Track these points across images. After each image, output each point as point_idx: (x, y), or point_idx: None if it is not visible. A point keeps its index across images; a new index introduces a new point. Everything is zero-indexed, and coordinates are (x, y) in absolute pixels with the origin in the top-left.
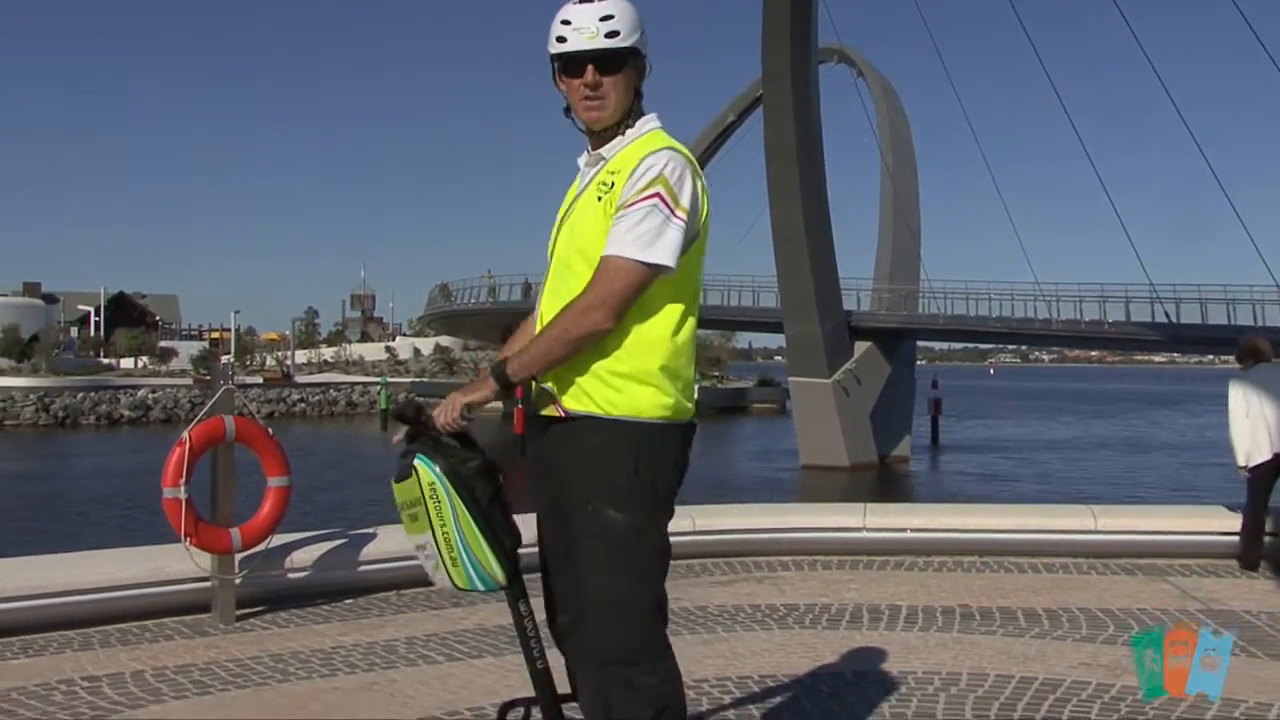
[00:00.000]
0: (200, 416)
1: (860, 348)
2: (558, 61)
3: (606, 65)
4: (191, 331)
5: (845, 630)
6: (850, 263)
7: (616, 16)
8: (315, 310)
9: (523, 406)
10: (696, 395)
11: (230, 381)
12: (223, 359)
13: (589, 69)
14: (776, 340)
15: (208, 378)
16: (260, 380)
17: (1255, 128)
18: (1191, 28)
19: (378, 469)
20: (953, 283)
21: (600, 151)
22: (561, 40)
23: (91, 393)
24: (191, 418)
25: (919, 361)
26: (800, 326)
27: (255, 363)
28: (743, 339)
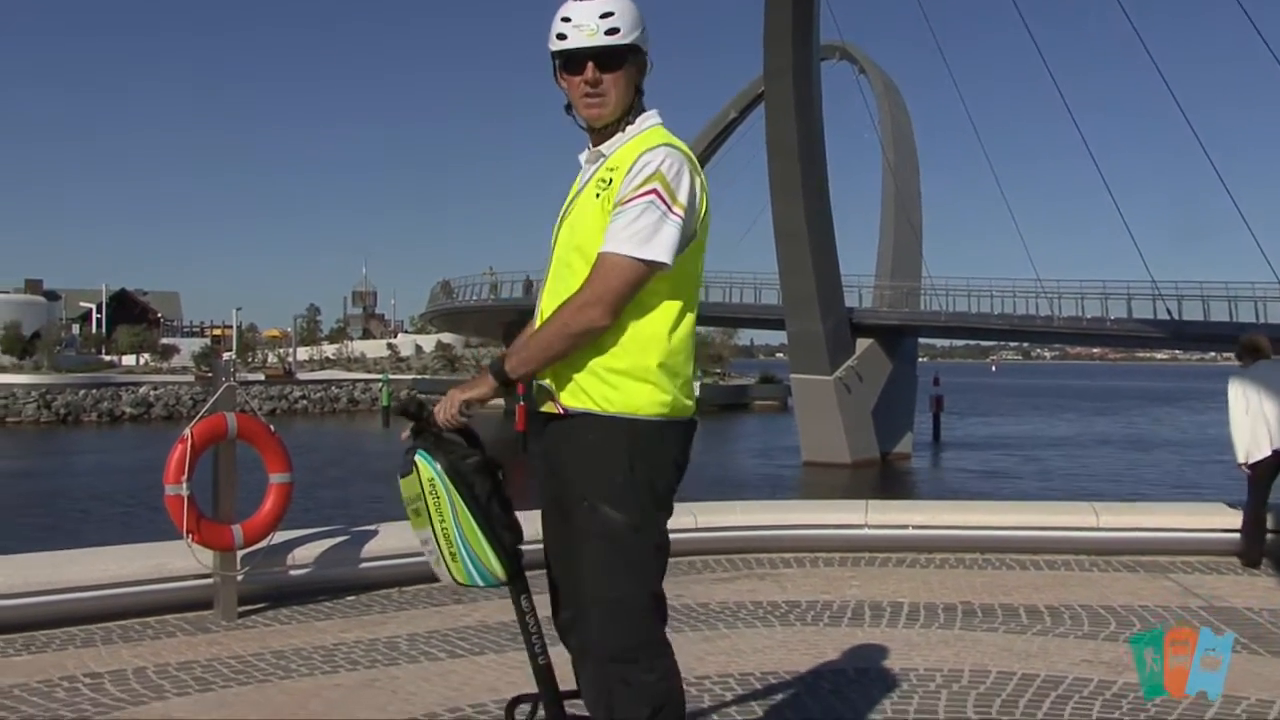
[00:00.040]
0: (202, 413)
1: (862, 345)
2: (558, 59)
3: (607, 62)
4: (193, 328)
5: (847, 627)
6: (852, 260)
7: (617, 13)
8: (317, 307)
9: (524, 403)
10: (698, 392)
11: (232, 378)
12: (224, 356)
13: (589, 66)
14: (778, 337)
15: (209, 375)
16: (262, 377)
17: (1258, 126)
18: (1194, 26)
19: (379, 466)
20: (955, 280)
21: (600, 148)
22: (562, 37)
23: (93, 390)
24: (193, 415)
25: (921, 359)
26: (802, 323)
27: (257, 360)
28: (744, 336)
